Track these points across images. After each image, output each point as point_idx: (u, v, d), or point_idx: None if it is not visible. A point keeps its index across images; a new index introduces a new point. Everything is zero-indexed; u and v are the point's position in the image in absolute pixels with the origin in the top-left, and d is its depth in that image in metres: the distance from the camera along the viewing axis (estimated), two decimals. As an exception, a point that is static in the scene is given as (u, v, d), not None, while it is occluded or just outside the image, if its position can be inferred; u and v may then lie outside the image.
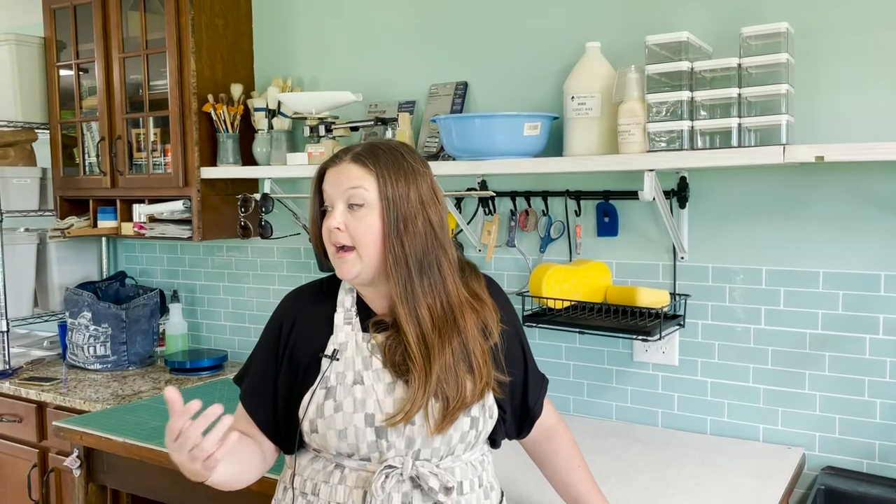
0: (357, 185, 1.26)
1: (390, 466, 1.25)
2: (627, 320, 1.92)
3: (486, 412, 1.31)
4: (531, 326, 1.99)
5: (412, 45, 2.44)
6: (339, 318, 1.33)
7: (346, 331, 1.32)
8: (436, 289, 1.28)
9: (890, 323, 1.79)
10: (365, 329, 1.32)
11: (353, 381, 1.27)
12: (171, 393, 1.13)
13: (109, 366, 2.80)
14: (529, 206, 2.23)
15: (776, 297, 1.91)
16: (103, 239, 3.22)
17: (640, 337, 1.91)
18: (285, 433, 1.34)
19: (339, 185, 1.27)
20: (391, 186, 1.26)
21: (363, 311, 1.34)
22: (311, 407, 1.28)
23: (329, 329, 1.32)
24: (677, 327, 2.01)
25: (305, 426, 1.29)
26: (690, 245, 2.02)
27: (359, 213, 1.26)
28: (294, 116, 2.47)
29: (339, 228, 1.26)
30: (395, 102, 2.45)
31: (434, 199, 1.30)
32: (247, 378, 1.39)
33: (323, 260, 1.37)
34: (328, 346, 1.31)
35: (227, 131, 2.59)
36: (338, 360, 1.29)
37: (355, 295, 1.36)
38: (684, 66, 1.73)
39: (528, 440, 1.49)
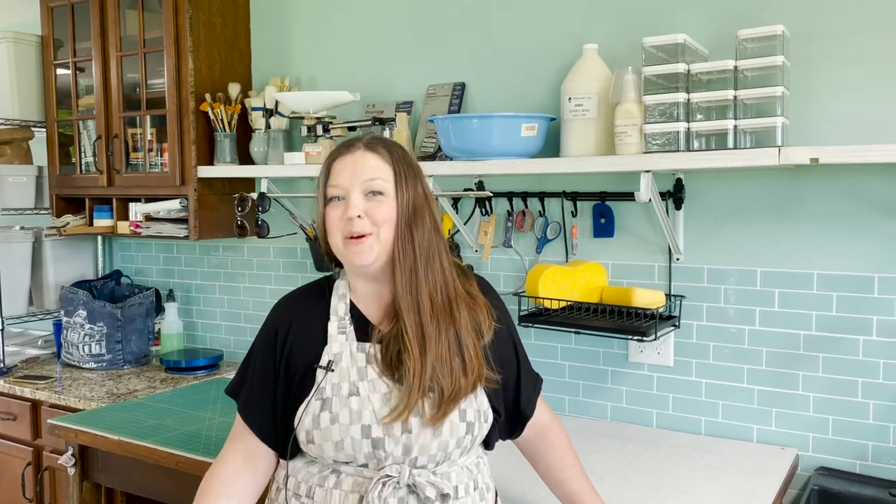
0: (377, 175, 1.27)
1: (388, 476, 1.24)
2: (623, 321, 1.93)
3: (481, 417, 1.31)
4: (527, 326, 2.00)
5: (410, 46, 2.45)
6: (332, 327, 1.32)
7: (339, 341, 1.30)
8: (437, 279, 1.29)
9: (883, 324, 1.80)
10: (360, 339, 1.31)
11: (348, 393, 1.26)
12: None
13: (104, 364, 2.80)
14: (526, 206, 2.24)
15: (770, 298, 1.92)
16: (99, 238, 3.21)
17: (635, 337, 1.92)
18: (283, 440, 1.33)
19: (355, 174, 1.27)
20: (404, 178, 1.28)
21: (356, 319, 1.33)
22: (307, 418, 1.27)
23: (323, 338, 1.31)
24: (672, 328, 2.02)
25: (301, 436, 1.28)
26: (686, 246, 2.03)
27: (376, 199, 1.27)
28: (291, 116, 2.47)
29: (359, 216, 1.26)
30: (392, 102, 2.45)
31: (431, 195, 1.34)
32: (244, 389, 1.37)
33: (324, 260, 1.37)
34: (322, 357, 1.30)
35: (225, 130, 2.59)
36: (333, 371, 1.28)
37: (348, 302, 1.34)
38: (681, 68, 1.74)
39: (522, 439, 1.49)
